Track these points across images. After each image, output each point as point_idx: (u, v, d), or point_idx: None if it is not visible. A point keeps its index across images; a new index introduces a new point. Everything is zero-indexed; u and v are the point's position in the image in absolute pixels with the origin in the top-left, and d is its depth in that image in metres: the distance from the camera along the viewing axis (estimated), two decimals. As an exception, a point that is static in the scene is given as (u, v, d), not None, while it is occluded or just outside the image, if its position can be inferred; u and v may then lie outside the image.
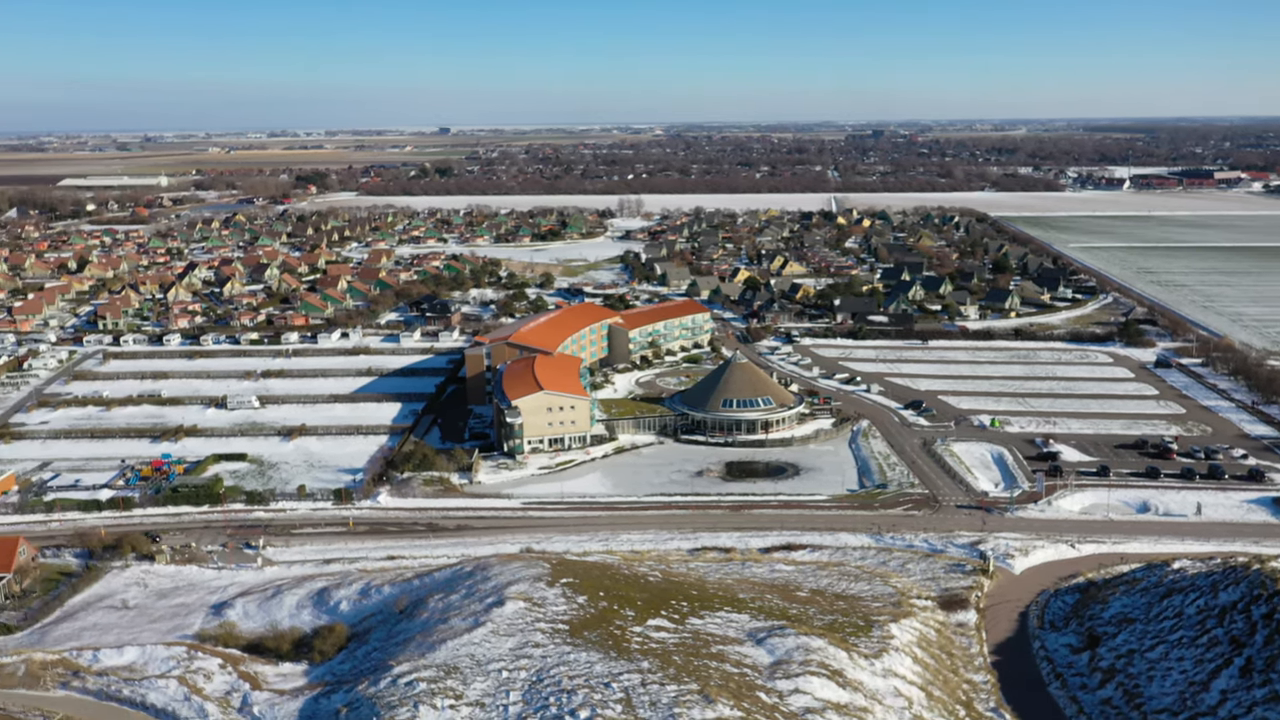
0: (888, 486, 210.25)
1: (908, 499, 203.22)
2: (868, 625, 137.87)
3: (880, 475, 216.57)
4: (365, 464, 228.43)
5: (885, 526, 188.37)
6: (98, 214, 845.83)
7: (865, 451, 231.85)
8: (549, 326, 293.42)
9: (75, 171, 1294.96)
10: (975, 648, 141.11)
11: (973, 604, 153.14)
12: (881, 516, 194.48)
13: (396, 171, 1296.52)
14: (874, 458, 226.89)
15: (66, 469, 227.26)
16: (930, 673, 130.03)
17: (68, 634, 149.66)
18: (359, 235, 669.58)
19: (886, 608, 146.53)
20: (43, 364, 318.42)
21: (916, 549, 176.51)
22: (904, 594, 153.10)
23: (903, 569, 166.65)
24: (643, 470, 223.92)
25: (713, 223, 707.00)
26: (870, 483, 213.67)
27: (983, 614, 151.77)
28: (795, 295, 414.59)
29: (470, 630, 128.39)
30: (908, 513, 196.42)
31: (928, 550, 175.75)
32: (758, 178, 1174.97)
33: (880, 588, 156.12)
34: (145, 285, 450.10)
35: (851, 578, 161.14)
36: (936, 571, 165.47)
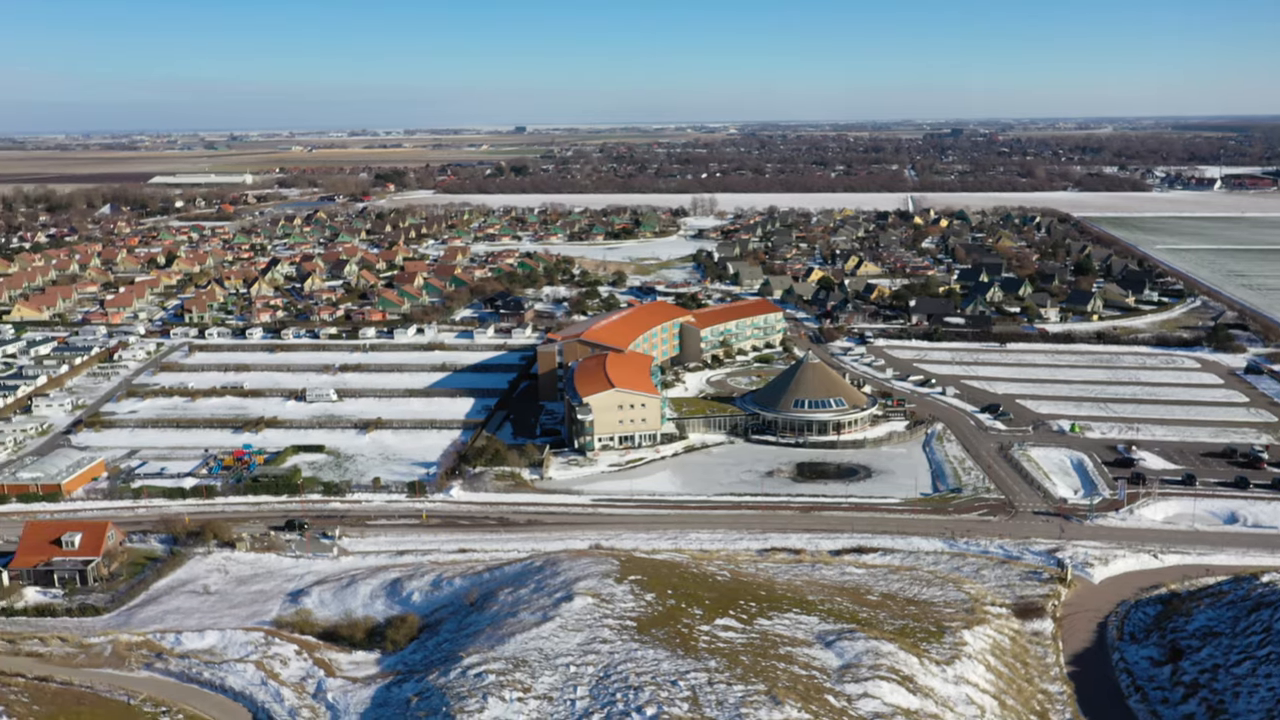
0: (962, 491, 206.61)
1: (983, 504, 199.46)
2: (939, 631, 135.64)
3: (955, 479, 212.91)
4: (438, 458, 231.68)
5: (959, 531, 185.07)
6: (186, 210, 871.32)
7: (939, 455, 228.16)
8: (621, 324, 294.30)
9: (165, 169, 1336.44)
10: (1051, 657, 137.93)
11: (1049, 613, 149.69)
12: (955, 521, 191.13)
13: (473, 170, 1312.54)
14: (948, 461, 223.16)
15: (153, 457, 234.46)
16: (1004, 681, 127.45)
17: (152, 617, 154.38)
18: (435, 233, 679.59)
19: (959, 614, 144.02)
20: (132, 355, 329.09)
21: (991, 555, 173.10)
22: (978, 600, 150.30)
23: (977, 575, 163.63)
24: (713, 469, 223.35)
25: (786, 222, 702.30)
26: (944, 487, 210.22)
27: (1059, 623, 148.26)
28: (869, 296, 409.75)
29: (539, 624, 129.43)
30: (983, 518, 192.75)
31: (1003, 557, 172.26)
32: (833, 177, 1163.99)
33: (953, 593, 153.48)
34: (230, 280, 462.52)
35: (923, 582, 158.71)
36: (1012, 578, 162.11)
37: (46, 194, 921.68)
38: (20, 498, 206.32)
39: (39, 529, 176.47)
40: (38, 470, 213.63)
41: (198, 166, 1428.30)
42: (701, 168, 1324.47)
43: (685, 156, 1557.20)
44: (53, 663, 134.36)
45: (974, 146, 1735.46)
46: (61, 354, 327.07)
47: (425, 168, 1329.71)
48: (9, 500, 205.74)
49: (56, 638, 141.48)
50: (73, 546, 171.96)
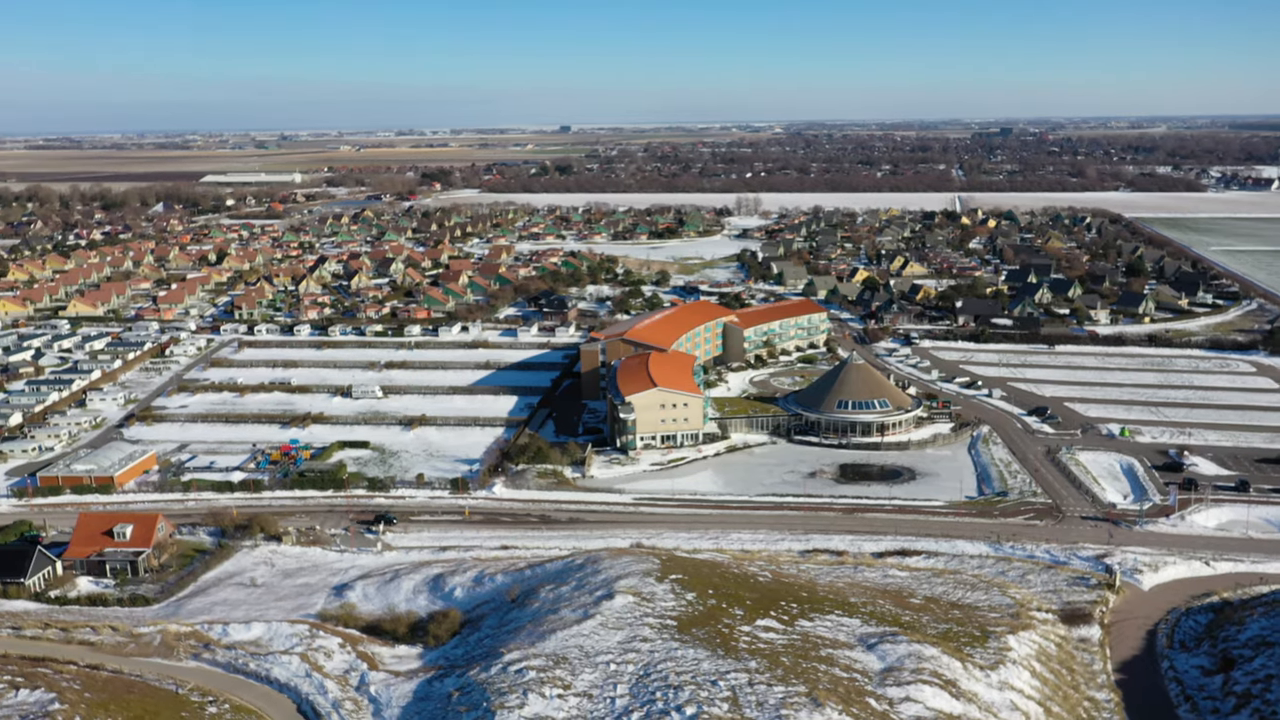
0: (1008, 494, 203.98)
1: (1029, 508, 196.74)
2: (984, 636, 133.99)
3: (1001, 483, 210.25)
4: (482, 455, 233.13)
5: (1005, 535, 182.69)
6: (236, 209, 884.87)
7: (985, 458, 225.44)
8: (664, 324, 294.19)
9: (217, 168, 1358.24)
10: (1098, 664, 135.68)
11: (1097, 619, 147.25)
12: (1001, 525, 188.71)
13: (518, 169, 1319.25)
14: (994, 464, 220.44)
15: (202, 451, 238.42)
16: (1049, 688, 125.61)
17: (200, 608, 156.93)
18: (480, 231, 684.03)
19: (1004, 619, 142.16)
20: (183, 351, 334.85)
21: (1037, 560, 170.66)
22: (1023, 605, 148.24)
23: (1022, 580, 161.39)
24: (755, 469, 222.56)
25: (831, 222, 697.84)
26: (990, 490, 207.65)
27: (1107, 630, 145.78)
28: (915, 296, 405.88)
29: (580, 622, 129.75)
30: (1029, 522, 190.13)
31: (1049, 561, 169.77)
32: (879, 177, 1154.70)
33: (998, 598, 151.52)
34: (279, 277, 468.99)
35: (968, 586, 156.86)
36: (1058, 584, 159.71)
37: (102, 192, 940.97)
38: (74, 489, 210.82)
39: (92, 520, 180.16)
40: (91, 463, 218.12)
41: (248, 166, 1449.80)
42: (746, 167, 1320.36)
43: (730, 156, 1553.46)
44: (104, 651, 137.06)
45: (1023, 146, 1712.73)
46: (115, 349, 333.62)
47: (471, 167, 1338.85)
48: (63, 491, 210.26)
49: (108, 627, 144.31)
50: (124, 538, 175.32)
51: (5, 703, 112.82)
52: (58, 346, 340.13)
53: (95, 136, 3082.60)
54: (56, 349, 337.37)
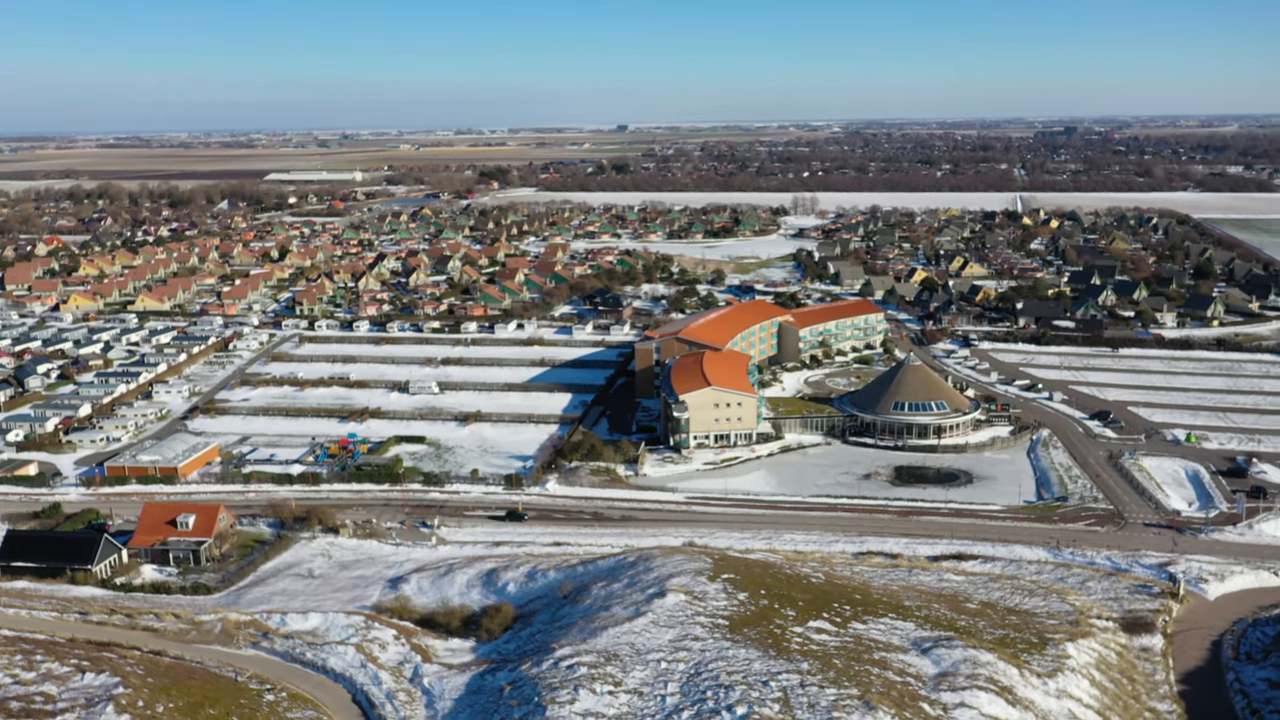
0: (1068, 499, 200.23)
1: (1090, 514, 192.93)
2: (1041, 643, 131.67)
3: (1060, 487, 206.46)
4: (535, 451, 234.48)
5: (1064, 541, 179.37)
6: (298, 206, 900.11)
7: (1045, 462, 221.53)
8: (719, 323, 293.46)
9: (280, 166, 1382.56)
10: (1160, 675, 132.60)
11: (1159, 628, 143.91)
12: (1060, 530, 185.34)
13: (574, 168, 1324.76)
14: (1054, 469, 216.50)
15: (263, 444, 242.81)
16: (1109, 697, 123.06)
17: (259, 597, 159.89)
18: (537, 230, 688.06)
19: (1063, 626, 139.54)
20: (245, 345, 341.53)
21: (1098, 567, 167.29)
22: (1082, 613, 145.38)
23: (1082, 587, 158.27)
24: (809, 470, 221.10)
25: (889, 221, 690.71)
26: (1049, 495, 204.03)
27: (1170, 640, 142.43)
28: (974, 297, 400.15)
29: (631, 619, 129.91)
30: (1089, 528, 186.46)
31: (1110, 569, 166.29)
32: (938, 176, 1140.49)
33: (1056, 604, 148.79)
34: (339, 274, 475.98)
35: (1025, 592, 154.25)
36: (1119, 591, 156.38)
37: (169, 190, 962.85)
38: (140, 479, 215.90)
39: (156, 510, 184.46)
40: (156, 454, 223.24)
41: (311, 164, 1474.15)
42: (803, 166, 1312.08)
43: (787, 155, 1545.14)
44: (166, 638, 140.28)
45: (1088, 145, 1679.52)
46: (180, 343, 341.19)
47: (528, 166, 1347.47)
48: (129, 481, 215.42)
49: (170, 614, 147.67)
50: (187, 528, 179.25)
51: (72, 685, 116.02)
52: (126, 340, 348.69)
53: (164, 135, 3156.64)
54: (125, 343, 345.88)
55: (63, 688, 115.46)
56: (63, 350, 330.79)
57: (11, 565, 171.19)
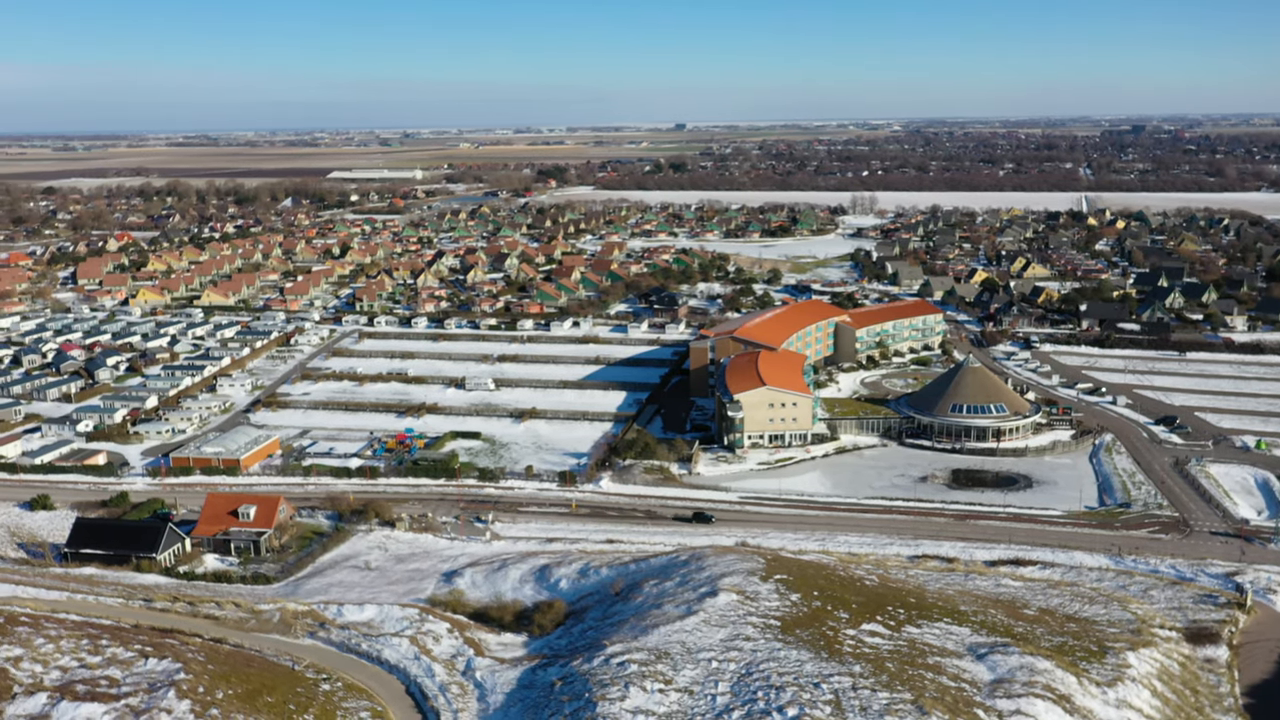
0: (1131, 506, 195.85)
1: (1154, 521, 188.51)
2: (1101, 651, 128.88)
3: (1123, 493, 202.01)
4: (589, 449, 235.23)
5: (1126, 548, 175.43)
6: (360, 204, 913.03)
7: (1107, 467, 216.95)
8: (774, 322, 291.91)
9: (342, 165, 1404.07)
10: (1225, 687, 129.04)
11: (1224, 639, 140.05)
12: (1123, 537, 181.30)
13: (632, 166, 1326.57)
14: (1117, 474, 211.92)
15: (323, 437, 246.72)
16: (1171, 709, 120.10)
17: (317, 588, 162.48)
18: (593, 228, 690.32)
19: (1124, 634, 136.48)
20: (307, 340, 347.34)
21: (1161, 575, 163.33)
22: (1144, 622, 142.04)
23: (1144, 595, 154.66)
24: (864, 472, 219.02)
25: (950, 221, 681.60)
26: (1112, 501, 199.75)
27: (1236, 651, 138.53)
28: (1036, 299, 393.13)
29: (682, 618, 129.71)
30: (1153, 535, 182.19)
31: (1174, 577, 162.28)
32: (1001, 175, 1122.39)
33: (1117, 613, 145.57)
34: (398, 271, 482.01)
35: (1085, 599, 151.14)
36: (1183, 601, 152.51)
37: (235, 187, 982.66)
38: (203, 470, 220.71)
39: (219, 501, 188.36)
40: (219, 445, 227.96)
41: (372, 162, 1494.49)
42: (863, 165, 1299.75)
43: (846, 154, 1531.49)
44: (226, 626, 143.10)
45: (1157, 144, 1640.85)
46: (244, 337, 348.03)
47: (586, 164, 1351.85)
48: (193, 472, 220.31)
49: (231, 603, 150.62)
50: (248, 518, 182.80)
51: (135, 670, 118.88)
52: (191, 334, 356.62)
53: (231, 134, 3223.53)
54: (190, 336, 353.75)
55: (126, 672, 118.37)
56: (131, 344, 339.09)
57: (80, 552, 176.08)
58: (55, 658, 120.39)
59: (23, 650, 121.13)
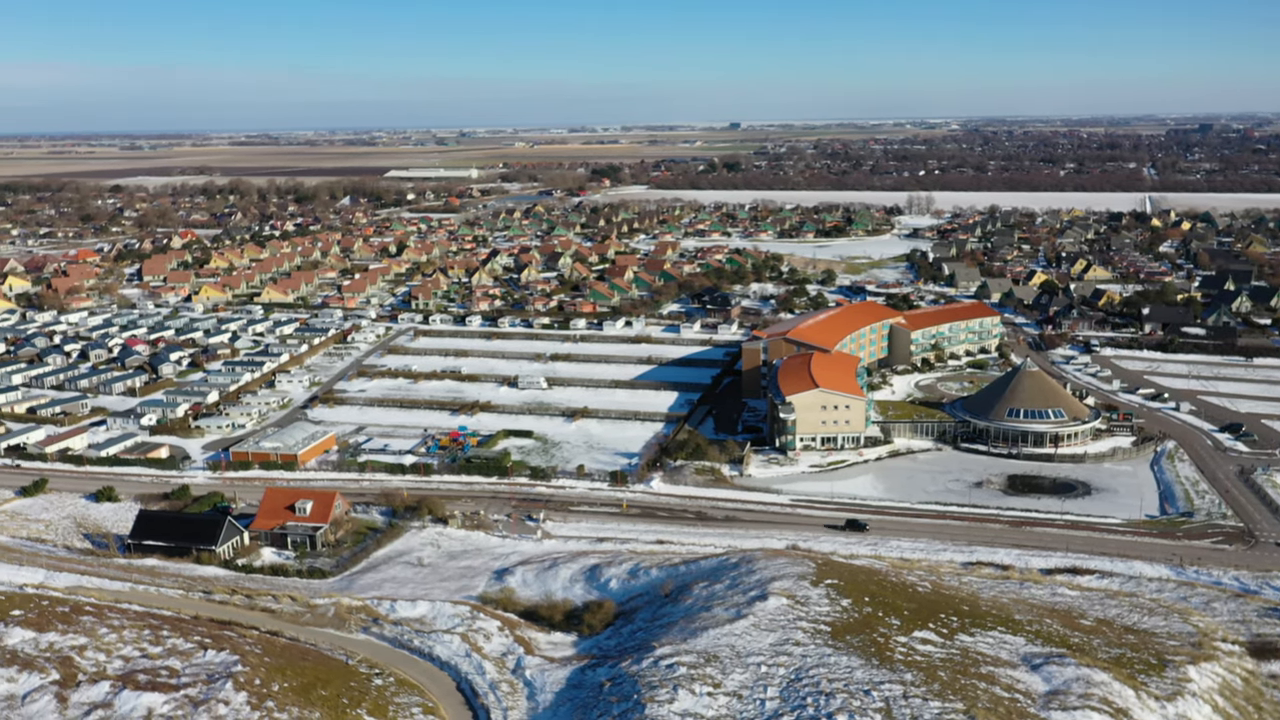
0: (1194, 515, 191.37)
1: (1217, 531, 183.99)
2: (1160, 664, 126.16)
3: (1186, 502, 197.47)
4: (640, 449, 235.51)
5: (1188, 559, 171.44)
6: (416, 203, 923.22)
7: (1169, 475, 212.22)
8: (828, 324, 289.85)
9: (399, 164, 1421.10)
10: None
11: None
12: (1184, 547, 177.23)
13: (686, 166, 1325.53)
14: (1179, 482, 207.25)
15: (378, 434, 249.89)
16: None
17: (370, 583, 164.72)
18: (647, 227, 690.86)
19: (1184, 647, 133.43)
20: (363, 338, 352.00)
21: (1225, 587, 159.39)
22: (1206, 635, 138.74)
23: (1206, 607, 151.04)
24: (917, 476, 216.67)
25: (1008, 222, 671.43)
26: (1173, 509, 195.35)
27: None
28: (1097, 302, 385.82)
29: (732, 621, 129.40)
30: (1216, 545, 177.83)
31: (1238, 590, 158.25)
32: (1061, 175, 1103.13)
33: (1178, 625, 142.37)
34: (453, 270, 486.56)
35: (1144, 611, 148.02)
36: (1248, 614, 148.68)
37: (295, 186, 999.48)
38: (262, 465, 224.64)
39: (277, 495, 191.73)
40: (277, 440, 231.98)
41: (429, 161, 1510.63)
42: (919, 165, 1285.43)
43: (902, 153, 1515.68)
44: (282, 619, 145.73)
45: (1224, 143, 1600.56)
46: (302, 334, 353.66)
47: (640, 163, 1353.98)
48: (252, 466, 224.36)
49: (287, 596, 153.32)
50: (305, 513, 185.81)
51: (194, 661, 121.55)
52: (252, 330, 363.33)
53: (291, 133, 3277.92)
54: (251, 333, 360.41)
55: (186, 663, 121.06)
56: (193, 339, 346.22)
57: (143, 543, 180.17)
58: (118, 647, 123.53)
59: (87, 639, 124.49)
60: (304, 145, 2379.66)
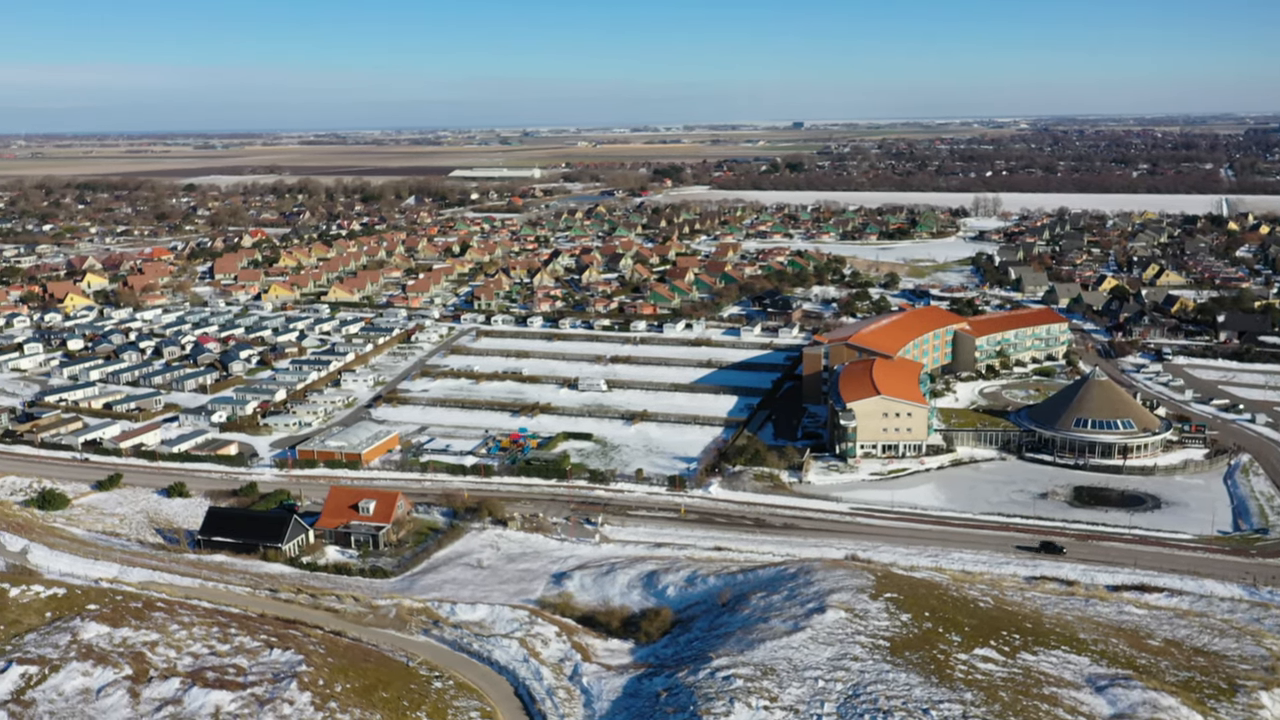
0: (1269, 532, 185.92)
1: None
2: (1231, 689, 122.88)
3: (1261, 518, 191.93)
4: (699, 454, 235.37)
5: (1263, 578, 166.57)
6: (480, 203, 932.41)
7: (1244, 490, 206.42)
8: (890, 329, 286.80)
9: (463, 164, 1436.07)
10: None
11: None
12: (1259, 565, 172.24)
13: (748, 166, 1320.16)
14: (1255, 498, 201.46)
15: (440, 434, 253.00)
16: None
17: (431, 584, 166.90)
18: (708, 228, 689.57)
19: (1257, 671, 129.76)
20: (426, 338, 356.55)
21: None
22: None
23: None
24: (980, 486, 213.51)
25: (1078, 225, 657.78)
26: (1248, 526, 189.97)
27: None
28: (1170, 308, 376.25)
29: (789, 634, 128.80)
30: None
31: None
32: (1134, 176, 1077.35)
33: (1250, 648, 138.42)
34: (515, 270, 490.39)
35: (1215, 632, 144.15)
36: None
37: (362, 185, 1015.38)
38: (327, 463, 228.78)
39: (341, 494, 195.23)
40: (342, 440, 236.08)
41: (492, 161, 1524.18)
42: (986, 165, 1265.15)
43: (969, 153, 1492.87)
44: (345, 619, 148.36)
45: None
46: (367, 334, 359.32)
47: (702, 163, 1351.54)
48: (317, 465, 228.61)
49: (350, 596, 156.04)
50: (368, 513, 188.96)
51: (261, 659, 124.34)
52: (318, 329, 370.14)
53: (358, 132, 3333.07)
54: (317, 332, 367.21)
55: (253, 661, 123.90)
56: (262, 338, 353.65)
57: (212, 539, 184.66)
58: (188, 644, 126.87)
59: (159, 635, 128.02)
60: (370, 145, 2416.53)
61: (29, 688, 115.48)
